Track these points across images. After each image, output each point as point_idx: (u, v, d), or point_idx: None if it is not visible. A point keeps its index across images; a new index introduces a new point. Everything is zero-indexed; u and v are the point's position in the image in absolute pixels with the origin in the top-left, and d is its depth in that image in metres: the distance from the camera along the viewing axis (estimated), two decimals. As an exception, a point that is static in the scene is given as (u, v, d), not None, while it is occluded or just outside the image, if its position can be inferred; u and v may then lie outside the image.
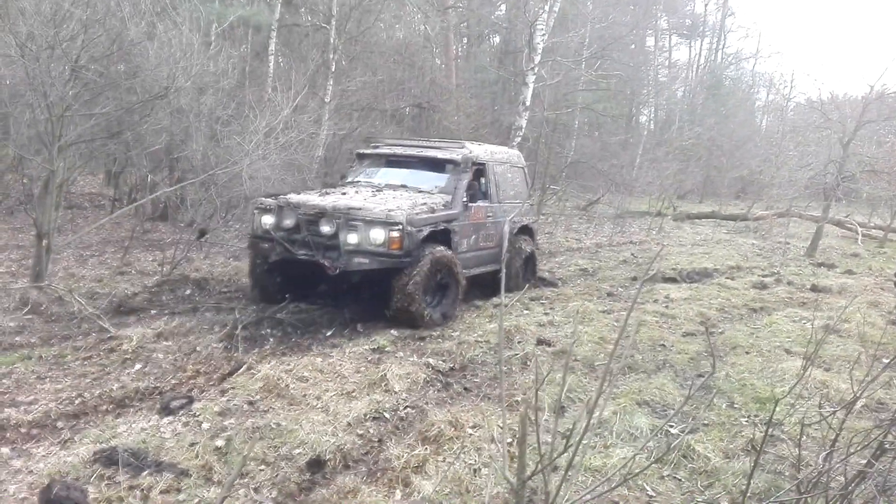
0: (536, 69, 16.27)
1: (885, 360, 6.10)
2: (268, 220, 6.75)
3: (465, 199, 7.56)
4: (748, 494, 3.42)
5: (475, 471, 3.51)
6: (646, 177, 21.06)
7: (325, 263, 6.27)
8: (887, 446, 2.40)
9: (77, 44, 6.86)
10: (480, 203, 7.98)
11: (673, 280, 10.19)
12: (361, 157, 8.92)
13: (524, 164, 9.74)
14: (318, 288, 7.53)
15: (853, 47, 69.36)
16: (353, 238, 6.29)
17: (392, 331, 6.37)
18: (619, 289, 9.46)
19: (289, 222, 6.57)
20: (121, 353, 5.19)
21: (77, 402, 4.22)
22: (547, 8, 16.07)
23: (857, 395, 2.56)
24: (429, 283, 6.66)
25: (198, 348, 5.42)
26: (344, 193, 7.38)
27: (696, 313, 7.76)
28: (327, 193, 7.40)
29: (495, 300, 7.93)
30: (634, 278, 10.34)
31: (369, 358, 5.39)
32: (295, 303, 7.05)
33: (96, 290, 7.06)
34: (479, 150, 8.42)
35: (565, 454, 3.74)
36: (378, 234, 6.29)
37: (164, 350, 5.40)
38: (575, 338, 6.12)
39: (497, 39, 27.47)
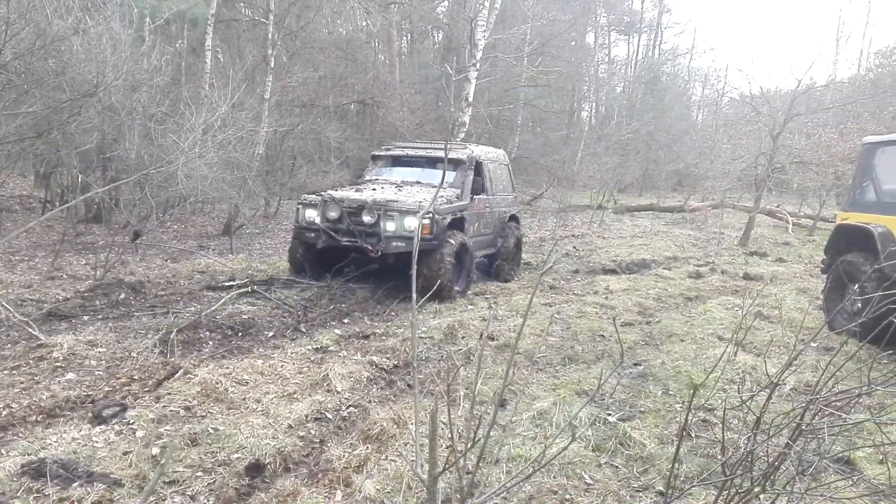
0: (478, 65, 16.36)
1: (813, 345, 6.42)
2: (311, 213, 7.99)
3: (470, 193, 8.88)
4: (680, 477, 3.55)
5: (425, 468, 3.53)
6: (587, 171, 21.50)
7: (368, 247, 7.59)
8: (804, 428, 2.51)
9: (-2, 39, 6.55)
10: (481, 196, 9.22)
11: (613, 272, 10.44)
12: (376, 158, 10.07)
13: (508, 162, 11.09)
14: (344, 270, 8.48)
15: (782, 43, 72.17)
16: (390, 226, 7.59)
17: (336, 330, 6.33)
18: (562, 282, 9.63)
19: (333, 214, 7.83)
20: (51, 362, 4.98)
21: (4, 413, 4.04)
22: (487, 4, 16.18)
23: (777, 378, 2.67)
24: (452, 262, 7.88)
25: (132, 354, 5.26)
26: (374, 189, 8.54)
27: (634, 303, 7.96)
28: (360, 190, 8.53)
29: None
30: (576, 271, 10.54)
31: (312, 358, 5.34)
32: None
33: (25, 295, 6.78)
34: (478, 151, 9.69)
35: (505, 447, 3.81)
36: (411, 222, 7.53)
37: (97, 357, 5.22)
38: (520, 332, 6.18)
39: (440, 36, 27.50)
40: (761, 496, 2.70)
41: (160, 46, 12.58)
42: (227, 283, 7.93)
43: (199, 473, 3.39)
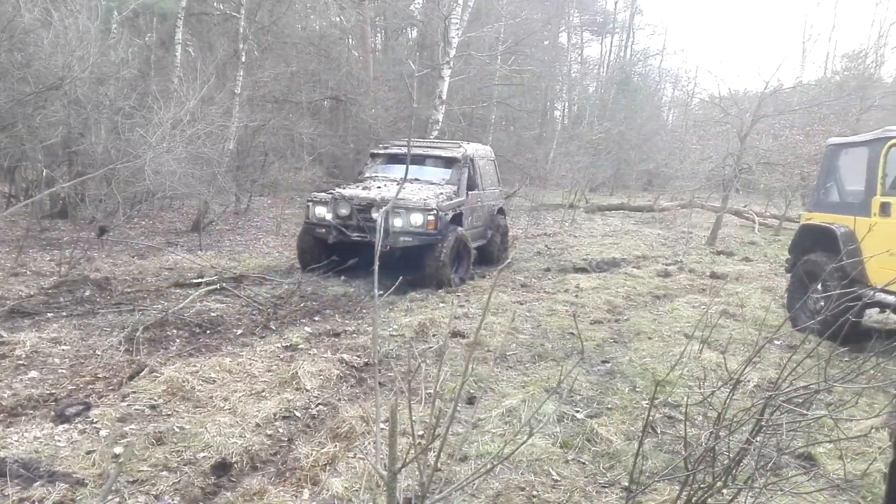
0: (452, 63, 16.37)
1: (777, 342, 6.56)
2: (322, 210, 8.54)
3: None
4: (645, 473, 3.61)
5: (386, 464, 3.53)
6: (559, 170, 21.62)
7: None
8: (763, 424, 2.57)
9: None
10: (474, 192, 9.78)
11: (584, 270, 10.53)
12: (374, 156, 10.52)
13: (494, 158, 11.61)
14: (349, 262, 8.92)
15: (751, 45, 73.30)
16: (398, 222, 8.19)
17: (306, 327, 6.30)
18: (534, 280, 9.69)
19: (344, 211, 8.39)
20: (13, 360, 4.88)
21: (-36, 413, 3.96)
22: (461, 2, 16.19)
23: (738, 375, 2.73)
24: (453, 254, 8.53)
25: (97, 352, 5.17)
26: (379, 187, 8.99)
27: (604, 301, 8.05)
28: (367, 188, 8.98)
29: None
30: (548, 269, 10.61)
31: (281, 356, 5.31)
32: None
33: (-14, 292, 6.63)
34: (470, 148, 10.25)
35: (473, 444, 3.83)
36: (417, 218, 8.20)
37: (61, 355, 5.12)
38: (479, 329, 6.22)
39: (414, 33, 27.44)
40: (724, 491, 2.75)
41: (128, 39, 12.38)
42: (195, 280, 7.83)
43: (163, 473, 3.35)
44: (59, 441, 3.62)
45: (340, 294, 7.96)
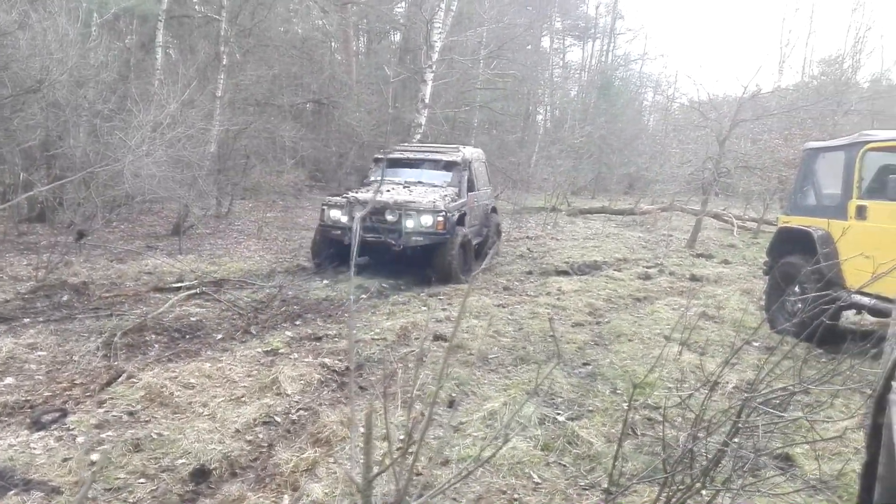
0: (434, 67, 16.39)
1: (756, 344, 6.62)
2: (337, 213, 9.08)
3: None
4: (626, 475, 3.62)
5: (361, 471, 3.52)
6: (541, 173, 21.72)
7: (391, 242, 8.76)
8: (740, 426, 2.60)
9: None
10: (472, 193, 10.38)
11: (565, 273, 10.58)
12: (378, 160, 11.30)
13: (485, 159, 12.37)
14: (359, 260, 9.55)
15: (730, 50, 74.18)
16: (410, 223, 8.78)
17: (287, 332, 6.26)
18: (516, 283, 9.71)
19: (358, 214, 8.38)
20: (-12, 366, 4.81)
21: (-63, 419, 3.89)
22: (444, 6, 16.21)
23: (715, 376, 2.76)
24: (460, 251, 9.16)
25: (74, 358, 5.10)
26: (389, 191, 9.54)
27: (585, 304, 8.09)
28: (378, 191, 9.54)
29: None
30: (530, 272, 10.65)
31: (262, 361, 5.27)
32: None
33: (-39, 298, 6.52)
34: (468, 152, 10.94)
35: (455, 448, 3.83)
36: (428, 219, 8.82)
37: (37, 361, 5.05)
38: (455, 331, 6.23)
39: (398, 37, 27.44)
40: (702, 492, 2.77)
41: (108, 42, 12.25)
42: (175, 285, 7.76)
43: (141, 480, 3.32)
44: (35, 448, 3.57)
45: (322, 298, 7.92)
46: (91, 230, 9.78)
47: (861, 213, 6.28)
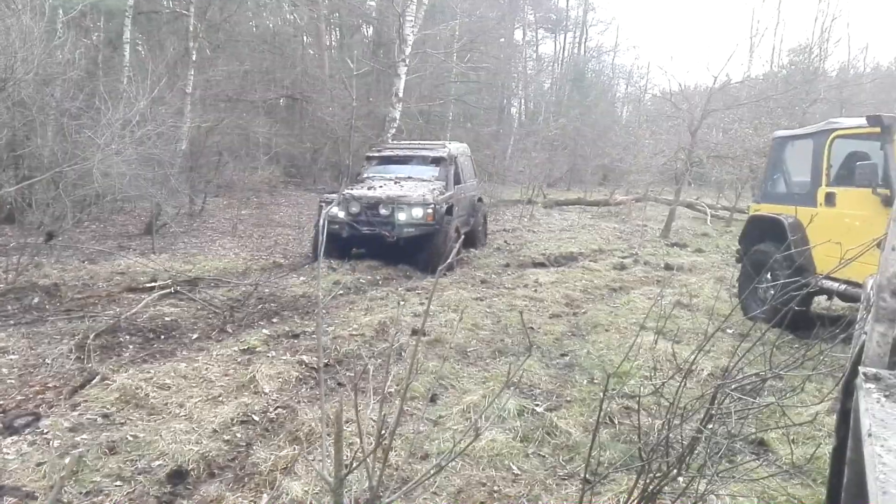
0: (408, 61, 16.32)
1: (730, 331, 6.72)
2: (335, 209, 9.56)
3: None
4: (603, 464, 3.66)
5: (346, 466, 3.51)
6: (517, 166, 21.78)
7: (385, 234, 9.42)
8: (714, 412, 2.63)
9: None
10: (459, 185, 11.05)
11: (542, 265, 10.64)
12: (370, 158, 11.89)
13: (471, 154, 13.20)
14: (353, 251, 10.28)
15: (700, 41, 74.99)
16: (402, 216, 9.43)
17: (264, 330, 6.21)
18: (493, 276, 9.74)
19: (354, 209, 9.59)
20: (-44, 371, 4.71)
21: None
22: (415, -1, 16.14)
23: (689, 364, 2.79)
24: (449, 241, 9.58)
25: (46, 361, 5.00)
26: (381, 186, 10.28)
27: (562, 296, 8.14)
28: (371, 188, 10.20)
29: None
30: (507, 265, 10.68)
31: (238, 359, 5.22)
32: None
33: (-74, 302, 6.37)
34: (453, 148, 11.68)
35: (435, 441, 3.83)
36: (418, 212, 9.46)
37: (9, 364, 4.95)
38: (424, 321, 6.23)
39: (370, 31, 27.27)
40: (679, 479, 2.80)
41: (74, 39, 12.00)
42: (148, 285, 7.65)
43: (117, 483, 3.27)
44: (8, 453, 3.50)
45: (299, 295, 7.87)
46: (61, 231, 9.59)
47: (830, 199, 6.39)
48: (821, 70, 29.19)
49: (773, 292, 6.77)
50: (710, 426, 2.67)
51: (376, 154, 11.92)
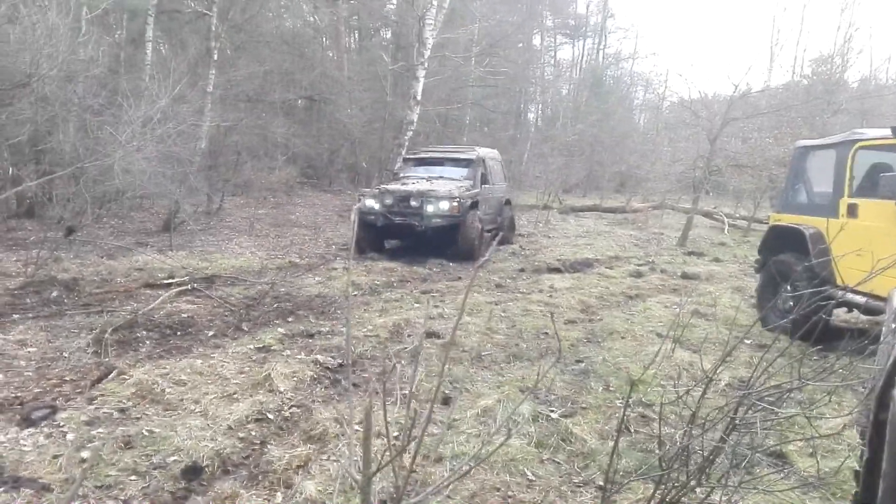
0: (426, 64, 16.35)
1: (748, 342, 6.64)
2: (371, 201, 10.86)
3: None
4: (620, 472, 3.61)
5: (360, 467, 3.49)
6: (533, 171, 21.72)
7: (415, 223, 10.60)
8: (737, 422, 2.59)
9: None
10: (486, 185, 12.21)
11: (557, 270, 10.58)
12: (407, 160, 13.55)
13: (501, 159, 14.60)
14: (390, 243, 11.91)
15: (720, 49, 74.51)
16: (430, 208, 10.56)
17: (280, 328, 6.22)
18: (508, 280, 9.70)
19: (389, 201, 10.79)
20: (-24, 362, 4.75)
21: (-75, 416, 3.83)
22: (436, 3, 16.17)
23: (711, 374, 2.75)
24: (476, 231, 10.97)
25: (64, 354, 5.05)
26: (414, 182, 11.55)
27: (577, 301, 8.09)
28: (404, 184, 11.46)
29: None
30: (522, 270, 10.64)
31: (254, 357, 5.24)
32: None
33: (-52, 294, 6.44)
34: (482, 151, 12.99)
35: (449, 445, 3.81)
36: (444, 205, 10.56)
37: (27, 357, 5.00)
38: (455, 329, 6.20)
39: (389, 34, 27.35)
40: (697, 489, 2.76)
41: (98, 37, 12.14)
42: (165, 281, 7.70)
43: (132, 477, 3.28)
44: (25, 445, 3.52)
45: (314, 294, 7.88)
46: (81, 226, 9.70)
47: (852, 211, 6.30)
48: (842, 80, 28.89)
49: (791, 304, 6.68)
50: (731, 436, 2.63)
51: (412, 156, 13.44)
